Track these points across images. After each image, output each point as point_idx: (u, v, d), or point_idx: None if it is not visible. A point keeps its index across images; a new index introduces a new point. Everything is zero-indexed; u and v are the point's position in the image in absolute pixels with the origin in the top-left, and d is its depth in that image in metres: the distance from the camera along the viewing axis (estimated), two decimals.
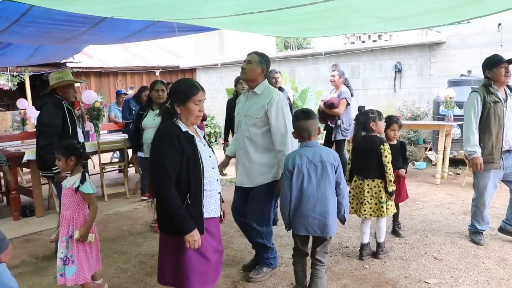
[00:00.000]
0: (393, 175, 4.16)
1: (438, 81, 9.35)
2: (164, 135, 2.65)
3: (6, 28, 4.33)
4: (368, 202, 4.24)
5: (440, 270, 4.05)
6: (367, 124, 4.27)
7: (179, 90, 2.73)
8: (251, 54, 3.76)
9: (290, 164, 3.22)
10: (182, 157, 2.61)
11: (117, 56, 14.07)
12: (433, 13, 3.49)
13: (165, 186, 2.58)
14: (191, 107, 2.71)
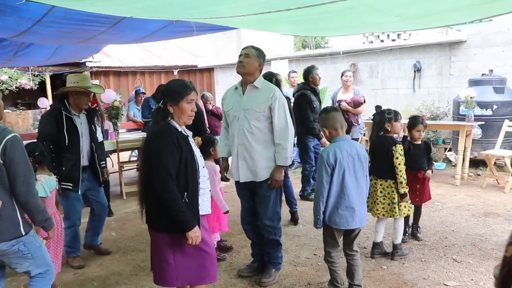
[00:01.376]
0: (404, 177, 4.11)
1: (458, 80, 9.21)
2: (164, 135, 2.68)
3: (28, 29, 4.39)
4: (381, 202, 4.24)
5: (459, 273, 3.99)
6: (382, 125, 4.25)
7: (172, 90, 2.77)
8: (248, 48, 3.74)
9: (331, 158, 3.26)
10: (181, 157, 2.67)
11: (135, 56, 14.19)
12: (453, 11, 3.43)
13: (168, 185, 2.61)
14: (184, 106, 2.74)
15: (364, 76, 11.00)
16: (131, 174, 8.90)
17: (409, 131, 4.68)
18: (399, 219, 4.30)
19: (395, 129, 4.26)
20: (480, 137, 7.83)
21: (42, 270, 2.96)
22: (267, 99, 3.66)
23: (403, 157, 4.12)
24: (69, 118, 4.25)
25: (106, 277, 4.18)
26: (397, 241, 4.34)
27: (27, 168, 2.70)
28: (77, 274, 4.24)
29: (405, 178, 4.12)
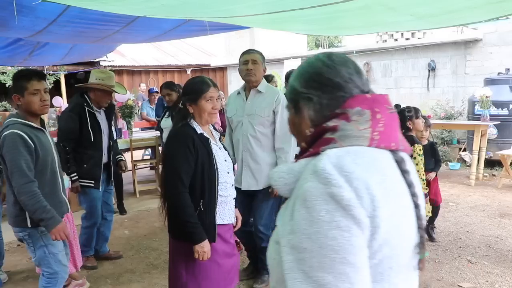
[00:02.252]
0: (422, 178, 4.08)
1: (473, 79, 9.11)
2: (179, 138, 2.54)
3: (44, 28, 4.43)
4: None
5: (474, 274, 3.94)
6: (403, 123, 4.19)
7: (189, 89, 2.62)
8: (253, 53, 3.59)
9: None
10: (197, 161, 2.50)
11: (149, 55, 14.27)
12: (469, 10, 3.39)
13: (179, 193, 2.47)
14: (203, 105, 2.57)
15: (377, 75, 10.94)
16: (145, 172, 8.95)
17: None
18: None
19: (417, 126, 4.22)
20: (495, 137, 7.73)
21: (48, 271, 2.96)
22: (271, 103, 3.57)
23: (421, 157, 4.07)
24: (92, 114, 4.16)
25: (119, 274, 4.21)
26: None
27: (15, 166, 2.72)
28: (90, 271, 4.27)
29: (422, 179, 4.07)
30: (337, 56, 1.14)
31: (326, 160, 0.96)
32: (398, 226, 0.98)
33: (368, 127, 1.03)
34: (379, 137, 1.03)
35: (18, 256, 4.77)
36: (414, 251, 1.04)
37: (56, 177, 3.01)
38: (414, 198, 1.06)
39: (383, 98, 1.11)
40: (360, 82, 1.12)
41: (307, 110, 1.12)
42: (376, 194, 0.93)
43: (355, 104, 1.06)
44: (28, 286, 4.07)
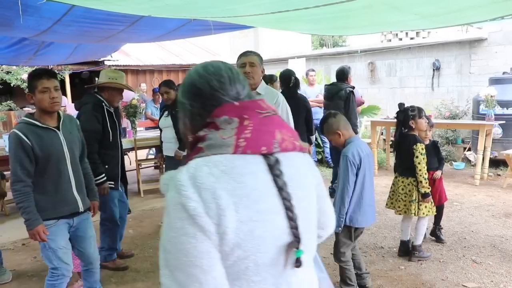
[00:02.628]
0: (424, 177, 4.06)
1: (478, 79, 9.08)
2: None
3: (49, 28, 4.45)
4: (402, 199, 4.25)
5: (479, 274, 3.93)
6: (406, 122, 4.22)
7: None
8: (251, 55, 3.44)
9: (356, 158, 3.28)
10: None
11: (153, 54, 14.29)
12: (474, 9, 3.38)
13: None
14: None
15: (382, 74, 10.92)
16: (149, 172, 8.97)
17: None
18: (421, 220, 4.27)
19: (420, 126, 4.21)
20: (500, 136, 7.71)
21: (50, 266, 3.02)
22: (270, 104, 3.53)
23: (424, 157, 4.06)
24: (110, 113, 4.10)
25: (123, 273, 4.21)
26: (417, 242, 4.29)
27: (11, 165, 2.85)
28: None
29: (425, 178, 4.06)
30: (213, 66, 1.23)
31: (184, 171, 1.06)
32: (253, 230, 1.04)
33: (232, 135, 1.10)
34: (245, 144, 1.08)
35: (23, 255, 4.79)
36: (287, 249, 1.10)
37: (62, 176, 3.00)
38: (285, 200, 1.10)
39: (254, 104, 1.17)
40: (234, 91, 1.19)
41: (184, 118, 1.23)
42: (224, 204, 1.01)
43: (222, 113, 1.13)
44: (33, 285, 4.08)
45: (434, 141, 4.76)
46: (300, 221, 1.13)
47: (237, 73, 1.23)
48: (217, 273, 1.02)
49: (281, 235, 1.10)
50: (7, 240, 5.21)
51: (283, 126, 1.19)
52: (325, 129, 3.49)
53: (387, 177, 7.78)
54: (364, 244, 4.74)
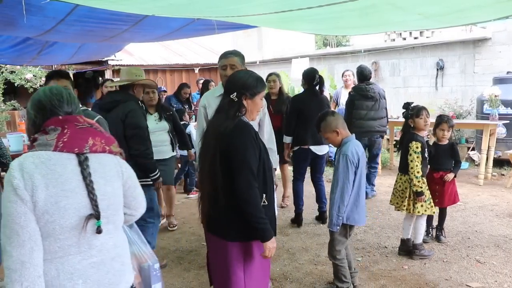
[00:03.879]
0: (416, 175, 4.07)
1: (482, 78, 9.05)
2: (244, 130, 2.43)
3: (53, 27, 4.46)
4: (400, 196, 4.33)
5: (483, 274, 3.92)
6: (406, 121, 4.31)
7: (250, 83, 2.50)
8: (231, 56, 3.38)
9: (355, 157, 3.33)
10: (260, 155, 2.45)
11: (157, 54, 14.29)
12: (478, 9, 3.37)
13: (252, 187, 2.36)
14: (258, 101, 2.54)
15: (385, 74, 10.91)
16: None
17: (433, 130, 4.62)
18: (419, 218, 4.27)
19: (418, 126, 4.21)
20: (504, 136, 7.68)
21: None
22: None
23: (417, 155, 4.07)
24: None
25: None
26: (417, 241, 4.30)
27: None
28: None
29: (416, 177, 4.06)
30: (56, 89, 1.79)
31: (17, 160, 1.62)
32: (58, 202, 1.58)
33: (54, 138, 1.65)
34: (62, 145, 1.64)
35: None
36: (89, 219, 1.64)
37: None
38: (88, 185, 1.65)
39: (73, 118, 1.73)
40: (67, 108, 1.75)
41: (28, 124, 1.77)
42: (37, 182, 1.56)
43: (50, 124, 1.68)
44: None
45: (452, 143, 4.73)
46: (101, 200, 1.68)
47: (73, 97, 1.80)
48: (31, 228, 1.53)
49: (82, 208, 1.64)
50: None
51: (97, 135, 1.75)
52: (323, 127, 3.50)
53: (390, 177, 7.76)
54: (368, 243, 4.73)
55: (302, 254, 4.53)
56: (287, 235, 5.11)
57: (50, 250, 1.59)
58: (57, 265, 1.61)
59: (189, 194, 6.95)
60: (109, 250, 1.74)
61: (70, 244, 1.63)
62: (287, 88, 10.45)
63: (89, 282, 1.67)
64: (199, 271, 4.21)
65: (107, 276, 1.73)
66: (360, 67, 6.50)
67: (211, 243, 2.63)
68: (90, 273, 1.67)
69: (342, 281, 3.54)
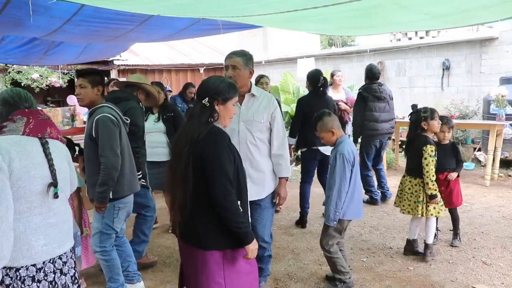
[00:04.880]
0: (431, 179, 4.05)
1: (489, 78, 9.01)
2: (217, 137, 2.39)
3: (59, 28, 4.47)
4: (408, 199, 4.27)
5: (489, 276, 3.90)
6: (418, 123, 4.20)
7: (223, 88, 2.47)
8: (233, 57, 3.31)
9: (351, 156, 3.47)
10: (234, 161, 2.42)
11: (162, 54, 14.31)
12: (485, 9, 3.34)
13: (229, 194, 2.33)
14: (230, 107, 2.51)
15: (391, 74, 10.88)
16: None
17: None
18: (430, 220, 4.25)
19: (432, 128, 4.18)
20: (511, 136, 7.64)
21: None
22: (268, 108, 3.38)
23: (432, 159, 4.05)
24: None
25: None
26: (429, 241, 4.28)
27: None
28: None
29: (431, 180, 4.06)
30: (16, 90, 2.34)
31: None
32: (28, 172, 2.05)
33: (22, 125, 2.17)
34: (29, 131, 2.16)
35: None
36: (50, 186, 2.14)
37: None
38: (49, 161, 2.17)
39: (36, 111, 2.28)
40: (26, 104, 2.29)
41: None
42: (13, 156, 2.01)
43: (17, 114, 2.21)
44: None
45: (453, 142, 4.71)
46: (58, 173, 2.19)
47: (29, 96, 2.34)
48: (8, 192, 1.91)
49: (45, 178, 2.14)
50: None
51: (53, 126, 2.30)
52: (320, 127, 3.60)
53: (395, 177, 7.74)
54: (373, 244, 4.72)
55: (306, 254, 4.52)
56: (292, 235, 5.11)
57: (20, 211, 2.03)
58: (24, 223, 2.05)
59: None
60: (61, 214, 2.24)
61: (35, 206, 2.09)
62: (292, 88, 10.45)
63: (47, 238, 2.13)
64: None
65: (60, 235, 2.21)
66: (369, 66, 6.39)
67: (186, 252, 2.55)
68: (48, 231, 2.14)
69: (342, 272, 3.61)
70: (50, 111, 12.86)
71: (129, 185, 3.46)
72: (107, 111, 3.31)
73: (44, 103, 15.03)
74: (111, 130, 3.25)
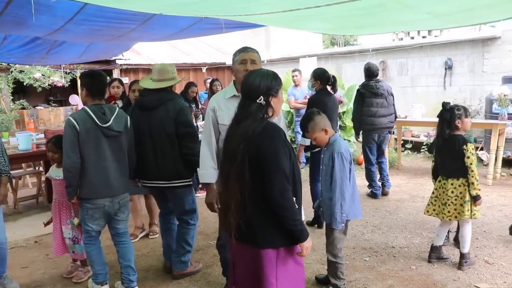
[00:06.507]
0: (476, 178, 3.88)
1: (491, 78, 8.99)
2: (275, 134, 2.32)
3: (61, 27, 4.48)
4: (452, 203, 4.00)
5: (491, 275, 3.89)
6: (452, 122, 4.02)
7: (272, 82, 2.40)
8: (252, 51, 3.23)
9: (348, 153, 3.40)
10: (290, 156, 2.36)
11: (164, 53, 14.33)
12: (488, 8, 3.34)
13: (287, 191, 2.27)
14: (281, 96, 2.45)
15: (393, 73, 10.86)
16: None
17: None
18: (466, 226, 4.05)
19: (466, 126, 4.06)
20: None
21: None
22: None
23: (475, 157, 3.91)
24: None
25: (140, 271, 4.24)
26: (465, 250, 4.05)
27: None
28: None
29: (477, 179, 3.89)
30: None
31: None
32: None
33: None
34: None
35: (35, 252, 4.85)
36: None
37: None
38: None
39: None
40: None
41: None
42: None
43: None
44: (45, 282, 4.12)
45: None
46: None
47: None
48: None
49: None
50: (20, 238, 5.26)
51: None
52: (312, 127, 3.48)
53: (398, 177, 7.74)
54: (375, 243, 4.72)
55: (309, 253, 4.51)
56: None
57: None
58: None
59: (196, 193, 6.94)
60: None
61: None
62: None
63: None
64: (206, 270, 4.21)
65: None
66: (367, 64, 6.62)
67: (240, 252, 2.49)
68: None
69: (340, 279, 3.56)
70: (53, 110, 12.90)
71: (94, 190, 3.50)
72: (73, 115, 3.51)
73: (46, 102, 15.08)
74: (65, 134, 3.42)
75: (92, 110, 3.44)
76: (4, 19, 3.99)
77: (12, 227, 5.08)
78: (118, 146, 3.59)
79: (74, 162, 3.39)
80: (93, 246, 3.70)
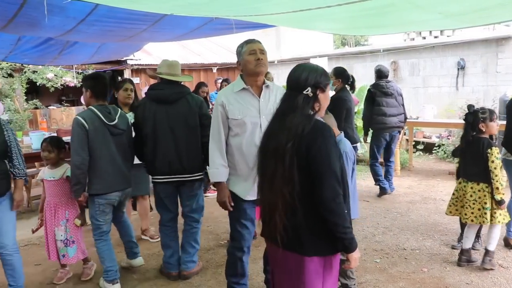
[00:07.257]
0: (501, 183, 3.82)
1: (505, 78, 8.89)
2: (326, 132, 2.14)
3: (73, 28, 4.51)
4: (470, 207, 3.97)
5: (506, 279, 3.84)
6: (476, 125, 3.96)
7: (322, 75, 2.24)
8: (258, 42, 3.14)
9: (352, 153, 3.40)
10: (339, 158, 2.20)
11: (175, 54, 14.36)
12: (501, 7, 3.30)
13: (338, 195, 2.09)
14: (328, 95, 2.29)
15: (405, 74, 10.79)
16: None
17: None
18: (495, 226, 3.98)
19: (491, 130, 3.98)
20: None
21: None
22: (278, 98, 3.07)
23: (499, 161, 3.85)
24: None
25: (146, 271, 4.26)
26: (491, 248, 4.01)
27: None
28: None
29: (501, 184, 3.82)
30: None
31: None
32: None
33: None
34: None
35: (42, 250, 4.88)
36: None
37: None
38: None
39: None
40: None
41: None
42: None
43: None
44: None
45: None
46: None
47: None
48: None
49: None
50: (33, 235, 5.28)
51: None
52: None
53: (409, 178, 7.69)
54: (386, 245, 4.68)
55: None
56: None
57: None
58: None
59: (206, 193, 6.95)
60: None
61: None
62: None
63: None
64: (216, 269, 4.22)
65: None
66: (378, 66, 6.77)
67: (280, 258, 2.29)
68: None
69: (350, 278, 3.53)
70: (65, 110, 13.01)
71: (107, 185, 3.68)
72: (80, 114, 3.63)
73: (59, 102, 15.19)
74: (74, 132, 3.54)
75: (98, 110, 3.62)
76: (18, 21, 4.03)
77: (25, 225, 5.11)
78: (123, 143, 3.79)
79: (83, 159, 3.54)
80: (104, 242, 3.81)
